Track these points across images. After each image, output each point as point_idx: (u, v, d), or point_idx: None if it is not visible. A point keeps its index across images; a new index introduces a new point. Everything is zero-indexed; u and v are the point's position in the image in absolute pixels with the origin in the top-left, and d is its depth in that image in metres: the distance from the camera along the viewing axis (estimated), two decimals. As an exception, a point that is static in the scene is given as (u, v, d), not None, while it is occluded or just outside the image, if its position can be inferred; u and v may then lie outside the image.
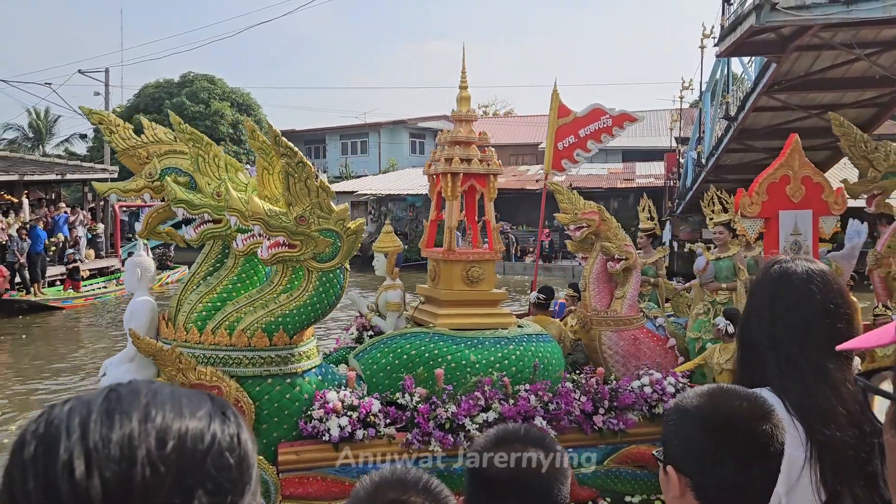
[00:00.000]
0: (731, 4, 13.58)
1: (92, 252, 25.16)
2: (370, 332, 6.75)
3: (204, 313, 5.39)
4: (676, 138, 33.22)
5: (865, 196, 8.29)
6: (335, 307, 5.45)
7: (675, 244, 23.92)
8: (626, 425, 5.95)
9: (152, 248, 25.88)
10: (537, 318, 7.33)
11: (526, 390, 5.80)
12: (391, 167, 42.46)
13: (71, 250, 22.00)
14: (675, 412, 1.66)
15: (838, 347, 1.49)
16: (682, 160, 29.31)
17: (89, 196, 27.65)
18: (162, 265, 26.30)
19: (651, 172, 34.44)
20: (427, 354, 6.03)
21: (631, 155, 40.29)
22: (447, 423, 5.49)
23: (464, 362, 6.05)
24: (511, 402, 5.71)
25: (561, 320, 7.75)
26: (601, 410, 5.87)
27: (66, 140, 43.30)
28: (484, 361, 6.11)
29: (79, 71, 29.29)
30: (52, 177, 25.21)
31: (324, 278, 5.28)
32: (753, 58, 15.35)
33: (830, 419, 1.96)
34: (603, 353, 7.07)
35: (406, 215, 33.92)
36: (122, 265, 24.42)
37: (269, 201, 5.24)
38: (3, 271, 19.08)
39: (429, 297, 6.82)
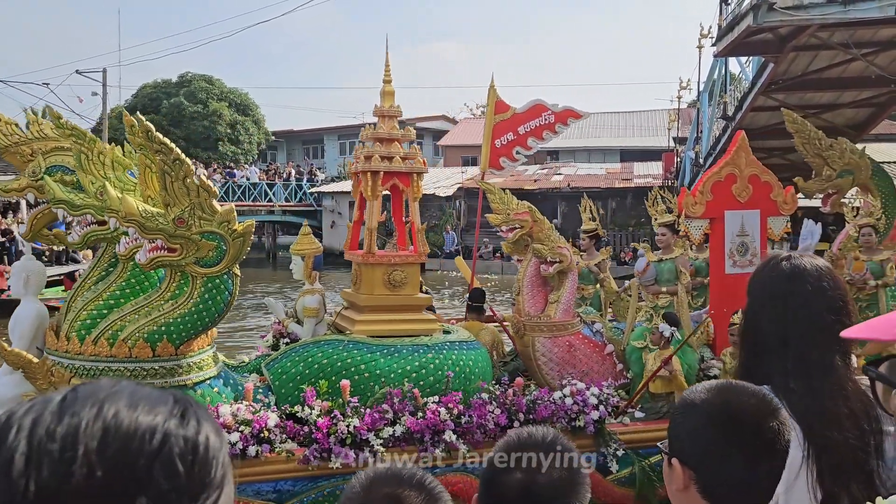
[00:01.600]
0: (729, 4, 13.33)
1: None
2: (286, 340, 6.21)
3: (88, 322, 4.89)
4: (674, 138, 32.76)
5: (820, 195, 7.73)
6: (225, 315, 4.94)
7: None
8: (546, 439, 5.40)
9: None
10: (469, 323, 6.80)
11: (435, 402, 5.25)
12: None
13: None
14: (682, 406, 1.62)
15: (843, 333, 1.47)
16: (679, 160, 28.76)
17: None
18: None
19: (649, 172, 33.86)
20: (339, 363, 5.53)
21: (629, 155, 39.83)
22: (348, 438, 4.96)
23: (378, 372, 5.54)
24: (420, 415, 5.17)
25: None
26: (516, 423, 5.32)
27: None
28: (400, 371, 5.59)
29: (76, 71, 28.84)
30: None
31: (209, 284, 4.76)
32: (751, 58, 15.16)
33: (832, 420, 1.91)
34: (536, 360, 6.54)
35: (400, 216, 33.32)
36: None
37: (154, 202, 4.71)
38: (3, 269, 18.62)
39: (350, 303, 6.30)
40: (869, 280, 7.22)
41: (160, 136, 4.50)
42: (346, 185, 34.79)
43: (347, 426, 4.99)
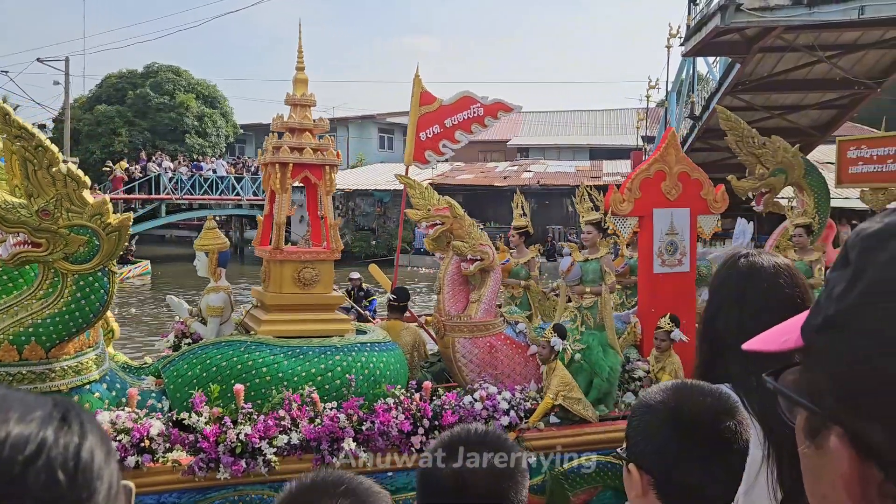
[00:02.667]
0: (697, 5, 13.27)
1: None
2: (189, 340, 5.77)
3: (-45, 322, 4.39)
4: (643, 137, 32.55)
5: (753, 194, 7.41)
6: (101, 315, 4.49)
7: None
8: (453, 447, 5.02)
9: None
10: (390, 323, 6.39)
11: (332, 408, 4.85)
12: (359, 162, 41.31)
13: None
14: (638, 408, 1.56)
15: (744, 346, 1.24)
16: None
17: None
18: (123, 259, 25.14)
19: (618, 170, 33.60)
20: (239, 366, 5.12)
21: (598, 153, 39.61)
22: (239, 447, 4.54)
23: (280, 375, 5.15)
24: (318, 421, 4.76)
25: None
26: (420, 430, 4.93)
27: None
28: (304, 374, 5.20)
29: (38, 59, 27.93)
30: None
31: (81, 283, 4.32)
32: (718, 58, 15.16)
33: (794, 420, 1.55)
34: (457, 361, 6.16)
35: (373, 211, 32.84)
36: None
37: (20, 193, 4.23)
38: None
39: (260, 301, 5.86)
40: None
41: (20, 120, 4.03)
42: (314, 179, 34.21)
43: (238, 434, 4.57)
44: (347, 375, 5.26)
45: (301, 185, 5.93)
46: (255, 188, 34.05)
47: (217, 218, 37.84)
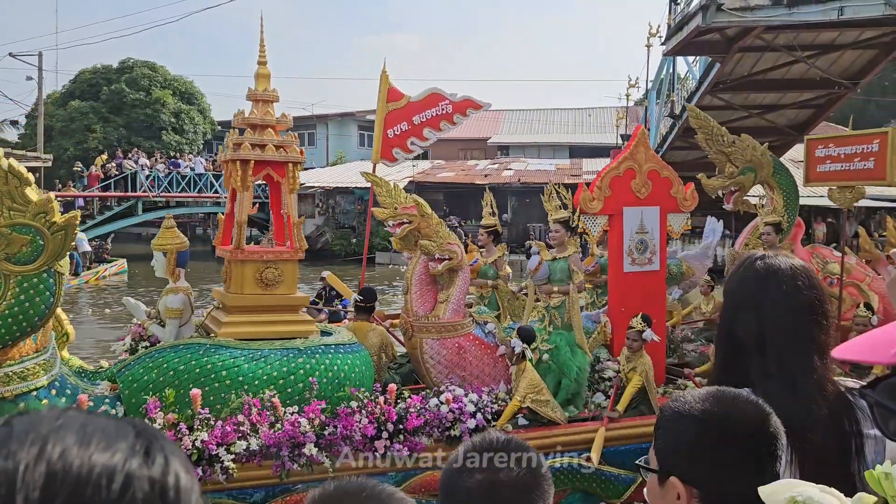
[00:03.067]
0: (679, 4, 13.32)
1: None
2: (146, 343, 5.56)
3: None
4: (622, 135, 32.51)
5: (723, 192, 7.31)
6: (48, 318, 4.27)
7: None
8: (416, 450, 4.87)
9: (89, 240, 24.30)
10: (357, 324, 6.22)
11: (293, 413, 4.68)
12: (339, 160, 40.96)
13: None
14: (672, 418, 1.48)
15: (833, 353, 1.37)
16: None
17: (21, 184, 25.77)
18: (99, 258, 24.71)
19: (598, 169, 33.25)
20: (197, 370, 4.93)
21: (578, 151, 39.59)
22: (195, 454, 4.35)
23: (240, 378, 4.96)
24: (278, 426, 4.58)
25: None
26: (384, 435, 4.76)
27: None
28: (265, 377, 5.02)
29: (10, 54, 27.34)
30: None
31: (25, 284, 4.10)
32: (698, 57, 15.21)
33: (813, 422, 1.83)
34: (425, 363, 6.01)
35: (354, 209, 32.56)
36: None
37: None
38: None
39: (221, 302, 5.67)
40: None
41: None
42: (293, 177, 33.84)
43: (194, 441, 4.38)
44: (310, 378, 5.10)
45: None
46: (233, 185, 33.60)
47: (198, 216, 37.43)
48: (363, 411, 4.87)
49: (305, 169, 38.41)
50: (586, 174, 32.70)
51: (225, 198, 31.04)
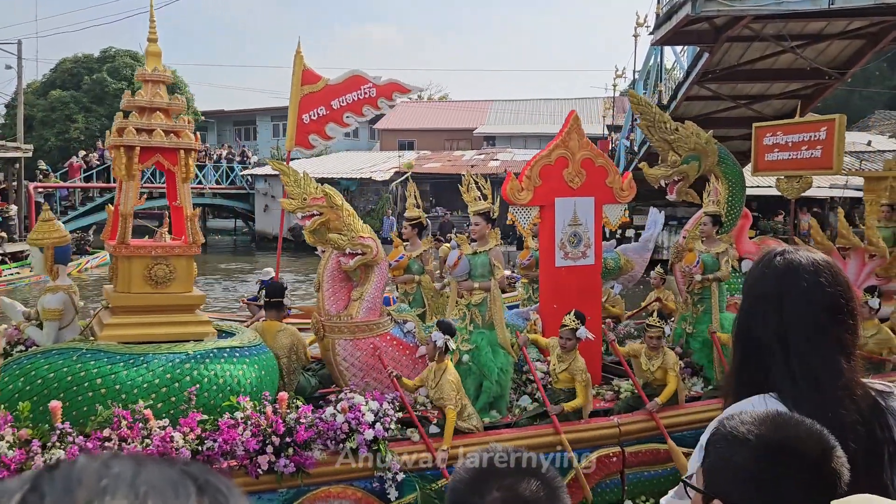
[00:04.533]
0: None
1: (4, 235, 22.73)
2: (22, 347, 5.03)
3: None
4: (609, 126, 31.83)
5: (666, 182, 6.79)
6: None
7: (606, 232, 22.60)
8: (306, 465, 4.36)
9: (70, 232, 23.68)
10: (266, 323, 5.69)
11: (164, 426, 4.16)
12: (325, 150, 40.28)
13: None
14: (726, 438, 1.37)
15: None
16: (614, 148, 28.02)
17: (1, 176, 25.11)
18: (80, 250, 24.05)
19: None
20: (69, 378, 4.41)
21: (563, 141, 38.83)
22: (47, 473, 3.81)
23: (117, 387, 4.45)
24: (147, 442, 4.06)
25: None
26: (269, 449, 4.25)
27: None
28: (146, 385, 4.51)
29: (-15, 43, 26.57)
30: None
31: None
32: (686, 47, 14.80)
33: (844, 428, 1.61)
34: (337, 365, 5.50)
35: (340, 199, 31.82)
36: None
37: None
38: None
39: (109, 302, 5.13)
40: (696, 274, 6.30)
41: None
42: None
43: (46, 460, 3.86)
44: (206, 385, 4.59)
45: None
46: (219, 176, 33.10)
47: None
48: (248, 423, 4.35)
49: (291, 160, 38.07)
50: (573, 164, 32.17)
51: (209, 189, 30.09)
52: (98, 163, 29.13)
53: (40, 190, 27.92)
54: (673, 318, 6.69)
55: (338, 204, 5.39)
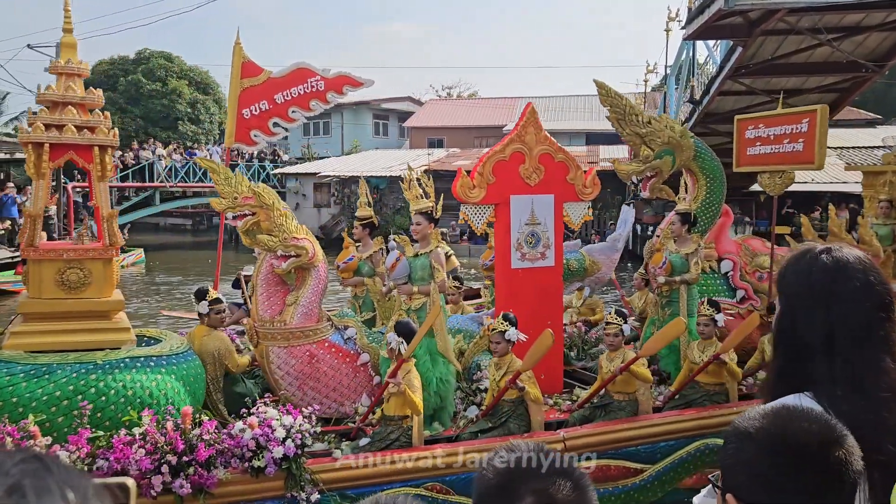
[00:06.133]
0: None
1: (44, 234, 22.81)
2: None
3: None
4: None
5: (638, 178, 6.22)
6: None
7: (638, 228, 21.95)
8: (208, 485, 3.92)
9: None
10: (199, 328, 5.26)
11: (47, 446, 3.76)
12: (354, 148, 40.03)
13: None
14: (732, 434, 1.36)
15: None
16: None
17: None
18: None
19: (614, 155, 32.04)
20: (-40, 390, 4.01)
21: (594, 138, 37.95)
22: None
23: (15, 400, 4.12)
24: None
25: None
26: (165, 468, 3.82)
27: (16, 118, 39.96)
28: (46, 398, 4.14)
29: (28, 45, 26.76)
30: (1, 156, 22.82)
31: None
32: (719, 42, 14.28)
33: (887, 431, 1.59)
34: (272, 373, 5.09)
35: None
36: None
37: None
38: None
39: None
40: (660, 276, 5.72)
41: None
42: (309, 167, 33.07)
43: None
44: (116, 397, 4.21)
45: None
46: (251, 175, 33.07)
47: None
48: (145, 440, 3.93)
49: (321, 158, 37.77)
50: (603, 161, 31.32)
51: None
52: (133, 162, 29.27)
53: (78, 189, 28.17)
54: (632, 317, 6.14)
55: (268, 203, 4.95)
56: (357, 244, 6.13)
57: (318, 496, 4.17)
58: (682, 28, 13.66)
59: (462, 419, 5.12)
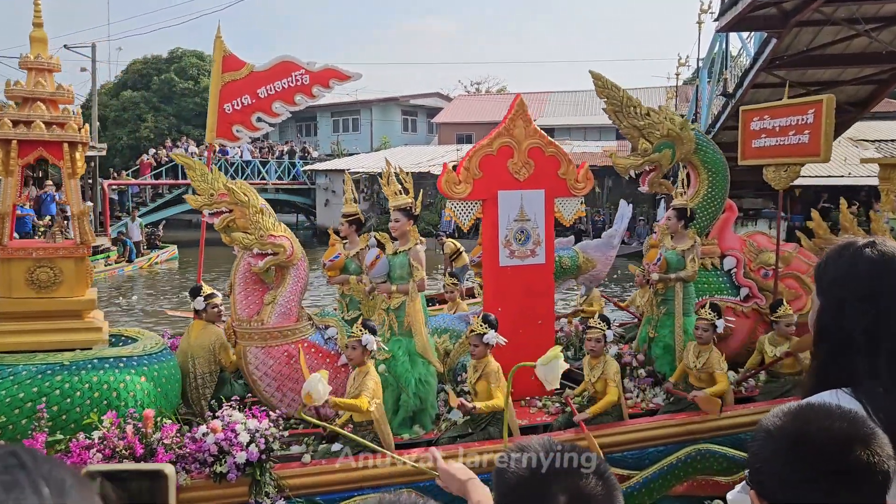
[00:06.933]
0: None
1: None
2: None
3: None
4: None
5: (635, 172, 5.92)
6: None
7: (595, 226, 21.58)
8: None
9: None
10: (195, 323, 5.11)
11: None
12: (383, 145, 39.91)
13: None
14: (759, 433, 1.32)
15: None
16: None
17: (77, 173, 25.59)
18: (151, 244, 24.37)
19: None
20: (-81, 393, 3.91)
21: (625, 132, 37.26)
22: None
23: (-26, 402, 3.92)
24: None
25: None
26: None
27: None
28: (9, 400, 4.03)
29: (64, 46, 27.07)
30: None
31: None
32: (753, 33, 13.79)
33: None
34: (250, 374, 4.91)
35: (398, 193, 31.34)
36: (112, 244, 22.58)
37: None
38: None
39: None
40: (653, 273, 5.41)
41: None
42: (339, 163, 33.03)
43: None
44: (82, 399, 4.07)
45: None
46: (281, 172, 33.20)
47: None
48: (104, 443, 3.78)
49: (350, 154, 37.72)
50: (633, 155, 30.68)
51: (272, 184, 29.95)
52: (167, 160, 29.54)
53: (114, 187, 28.50)
54: (616, 322, 5.85)
55: (243, 200, 4.77)
56: (344, 241, 5.93)
57: (284, 502, 3.99)
58: (715, 20, 13.24)
59: (444, 422, 4.89)
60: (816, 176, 20.86)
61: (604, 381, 4.72)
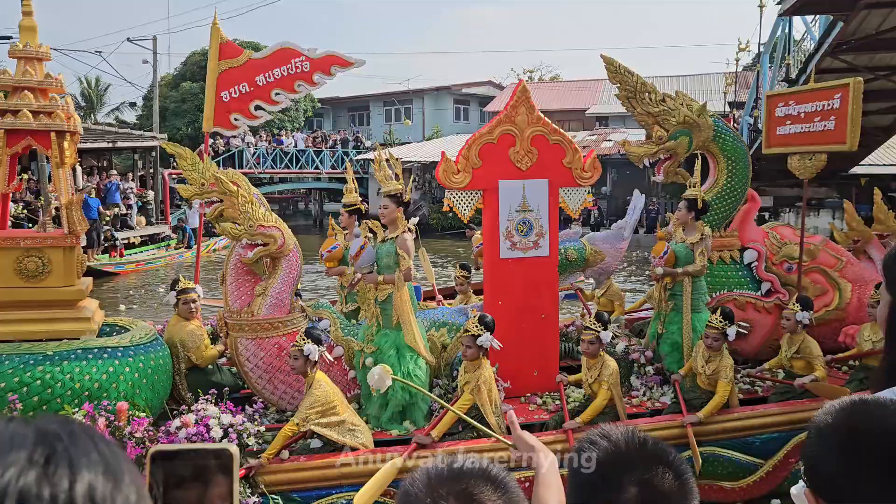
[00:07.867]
0: None
1: (143, 219, 23.76)
2: None
3: None
4: (730, 103, 29.18)
5: (651, 161, 5.56)
6: None
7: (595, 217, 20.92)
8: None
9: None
10: (172, 317, 5.02)
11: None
12: (435, 134, 39.70)
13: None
14: (812, 429, 1.27)
15: None
16: (736, 126, 25.76)
17: (139, 163, 26.24)
18: (209, 231, 24.87)
19: None
20: None
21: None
22: None
23: (-42, 390, 3.88)
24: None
25: None
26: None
27: (117, 108, 40.75)
28: (-11, 390, 3.92)
29: (127, 39, 27.79)
30: (104, 145, 23.75)
31: None
32: (818, 16, 12.97)
33: None
34: (241, 365, 4.78)
35: (451, 183, 31.19)
36: (172, 232, 23.14)
37: None
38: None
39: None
40: (657, 267, 5.03)
41: None
42: (392, 153, 32.95)
43: None
44: (63, 389, 4.01)
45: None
46: (334, 161, 33.38)
47: (300, 191, 37.60)
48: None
49: (402, 144, 37.67)
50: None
51: (325, 174, 30.06)
52: (224, 149, 30.01)
53: (174, 176, 29.07)
54: (613, 322, 5.49)
55: (231, 190, 4.62)
56: (344, 231, 5.74)
57: (258, 499, 3.83)
58: (778, 3, 12.70)
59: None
60: (886, 165, 19.74)
61: (600, 383, 4.41)
